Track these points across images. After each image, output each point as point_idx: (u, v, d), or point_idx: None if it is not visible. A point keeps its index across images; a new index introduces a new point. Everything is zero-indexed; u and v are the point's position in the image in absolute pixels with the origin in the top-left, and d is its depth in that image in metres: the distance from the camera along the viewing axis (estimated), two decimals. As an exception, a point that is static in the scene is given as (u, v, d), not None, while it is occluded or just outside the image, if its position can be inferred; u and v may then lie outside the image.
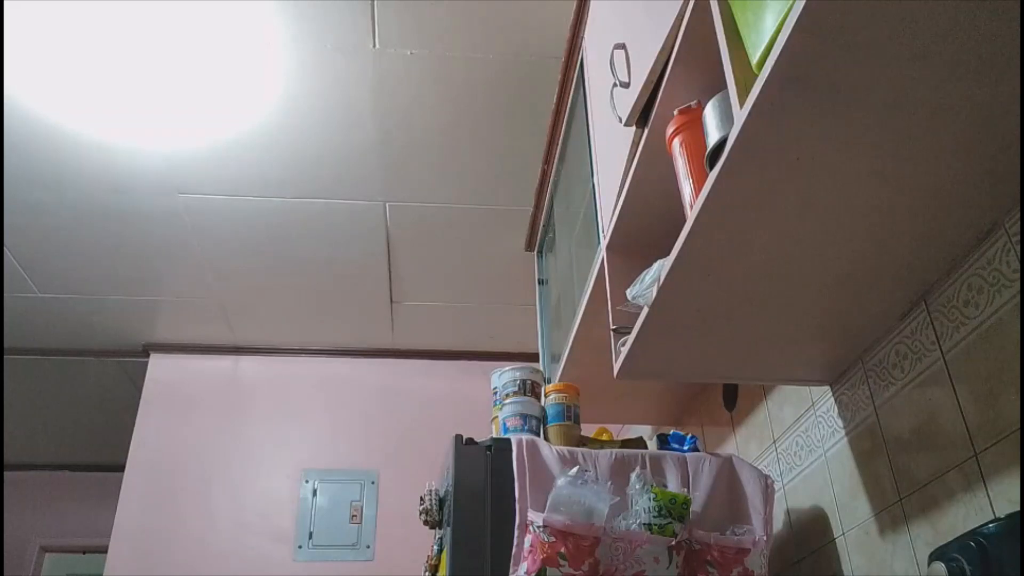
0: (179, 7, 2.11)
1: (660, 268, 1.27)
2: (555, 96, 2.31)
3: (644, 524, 1.44)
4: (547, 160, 2.53)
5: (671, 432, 1.85)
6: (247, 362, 3.66)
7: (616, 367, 1.52)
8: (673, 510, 1.46)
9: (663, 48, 1.30)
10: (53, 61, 2.26)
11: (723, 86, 1.05)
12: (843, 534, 1.51)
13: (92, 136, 2.51)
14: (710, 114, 1.15)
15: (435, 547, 1.82)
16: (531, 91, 2.40)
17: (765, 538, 1.51)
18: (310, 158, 2.64)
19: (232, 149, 2.60)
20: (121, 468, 3.37)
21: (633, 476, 1.52)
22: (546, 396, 1.92)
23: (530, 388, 1.92)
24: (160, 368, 3.61)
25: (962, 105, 0.93)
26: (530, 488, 1.51)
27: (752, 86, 0.92)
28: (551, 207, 2.62)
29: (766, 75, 0.88)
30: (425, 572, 1.93)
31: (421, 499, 1.78)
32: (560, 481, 1.48)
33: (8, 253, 3.01)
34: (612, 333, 1.56)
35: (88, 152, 2.57)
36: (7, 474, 4.85)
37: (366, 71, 2.33)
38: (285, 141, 2.58)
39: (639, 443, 1.90)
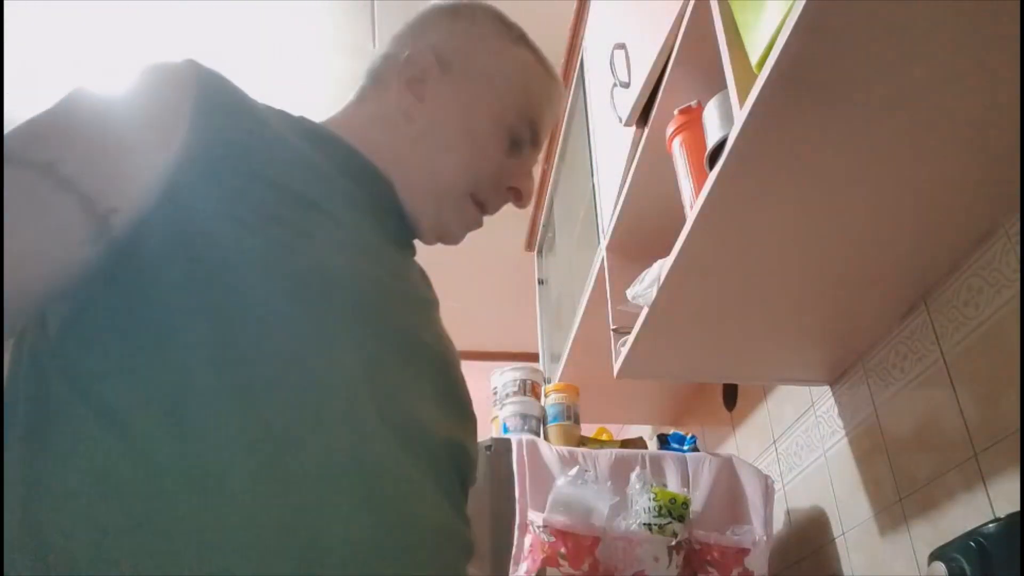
0: (177, 9, 2.12)
1: (660, 268, 1.27)
2: (555, 96, 2.30)
3: (644, 524, 1.44)
4: (547, 160, 2.53)
5: (671, 432, 1.85)
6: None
7: (616, 367, 1.52)
8: (673, 510, 1.46)
9: (663, 48, 1.30)
10: (55, 68, 2.26)
11: (723, 86, 1.05)
12: (843, 534, 1.51)
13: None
14: (710, 114, 1.15)
15: (435, 547, 1.82)
16: (531, 91, 2.40)
17: (765, 538, 1.51)
18: (310, 158, 2.64)
19: (232, 149, 2.59)
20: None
21: (633, 476, 1.52)
22: (546, 396, 1.92)
23: (530, 388, 1.93)
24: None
25: (962, 105, 0.93)
26: (530, 488, 1.51)
27: (752, 86, 0.92)
28: (551, 207, 2.62)
29: (766, 75, 0.88)
30: (425, 572, 1.93)
31: (421, 499, 1.78)
32: (560, 481, 1.48)
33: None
34: (612, 333, 1.56)
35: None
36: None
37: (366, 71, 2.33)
38: (285, 141, 2.57)
39: (639, 443, 1.90)
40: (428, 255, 0.98)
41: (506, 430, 1.83)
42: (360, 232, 0.71)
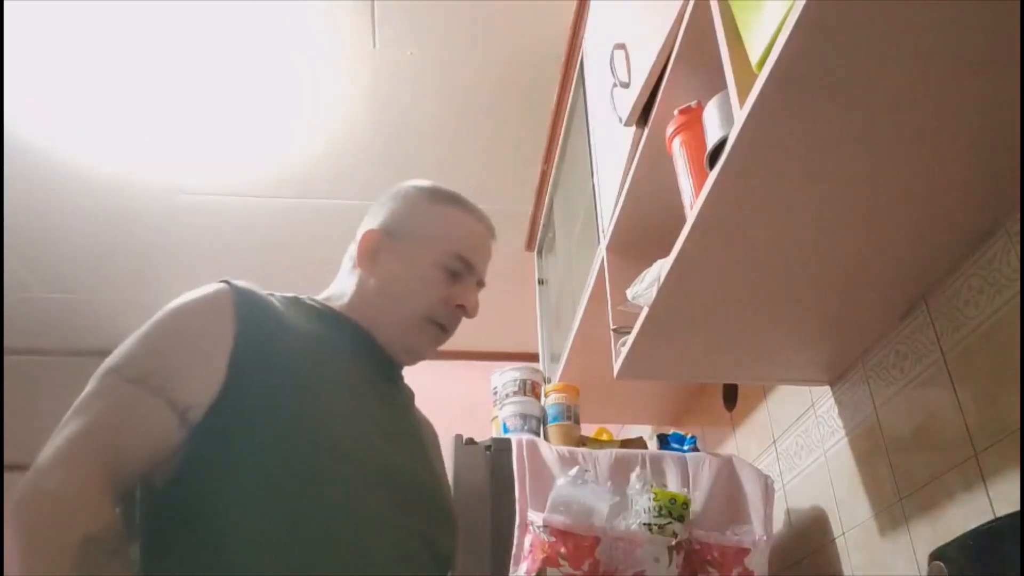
0: (176, 9, 2.12)
1: (660, 268, 1.27)
2: (555, 96, 2.31)
3: (644, 524, 1.44)
4: (547, 160, 2.53)
5: (671, 432, 1.85)
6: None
7: (616, 367, 1.52)
8: (673, 510, 1.46)
9: (663, 48, 1.30)
10: (54, 69, 2.26)
11: (723, 86, 1.05)
12: (843, 534, 1.51)
13: (95, 136, 2.52)
14: (710, 114, 1.15)
15: (435, 547, 1.82)
16: (531, 91, 2.40)
17: (765, 538, 1.51)
18: (310, 158, 2.64)
19: (231, 149, 2.60)
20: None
21: (633, 476, 1.52)
22: (546, 396, 1.92)
23: (530, 388, 1.93)
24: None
25: (962, 105, 0.93)
26: (530, 488, 1.51)
27: (752, 86, 0.92)
28: (551, 207, 2.62)
29: (766, 75, 0.88)
30: (425, 572, 1.93)
31: (421, 499, 1.78)
32: (560, 481, 1.48)
33: (8, 253, 3.01)
34: (612, 333, 1.56)
35: (90, 151, 2.57)
36: (7, 475, 4.85)
37: (366, 71, 2.33)
38: (284, 141, 2.58)
39: (639, 443, 1.90)
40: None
41: (506, 430, 1.83)
42: (357, 382, 1.00)
